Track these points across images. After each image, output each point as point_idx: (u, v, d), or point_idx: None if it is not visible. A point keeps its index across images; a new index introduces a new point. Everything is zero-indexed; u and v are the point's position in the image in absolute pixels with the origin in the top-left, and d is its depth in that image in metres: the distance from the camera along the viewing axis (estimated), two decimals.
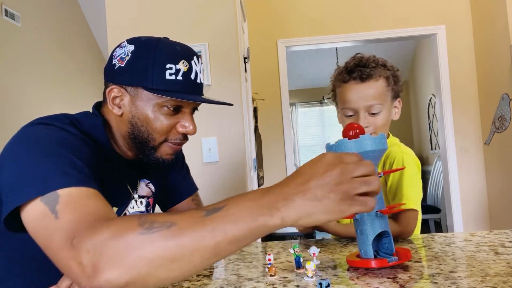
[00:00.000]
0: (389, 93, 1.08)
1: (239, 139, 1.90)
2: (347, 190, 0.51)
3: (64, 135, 0.72)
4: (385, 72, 1.06)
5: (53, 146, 0.68)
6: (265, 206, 0.52)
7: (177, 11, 1.94)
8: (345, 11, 3.45)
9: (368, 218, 0.74)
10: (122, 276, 0.51)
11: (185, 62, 0.79)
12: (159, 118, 0.80)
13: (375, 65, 1.06)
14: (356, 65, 1.07)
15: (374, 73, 1.04)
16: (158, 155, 0.84)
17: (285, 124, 3.53)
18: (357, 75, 1.04)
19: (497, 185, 3.18)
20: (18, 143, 0.70)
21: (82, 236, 0.54)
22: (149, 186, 0.96)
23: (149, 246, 0.51)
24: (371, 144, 0.71)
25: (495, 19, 3.02)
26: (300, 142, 7.10)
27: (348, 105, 1.06)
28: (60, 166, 0.64)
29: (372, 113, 1.05)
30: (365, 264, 0.73)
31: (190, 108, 0.84)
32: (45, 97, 3.15)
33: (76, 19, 3.78)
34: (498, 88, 3.04)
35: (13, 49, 2.82)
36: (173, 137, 0.83)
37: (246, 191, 0.67)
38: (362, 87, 1.04)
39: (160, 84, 0.77)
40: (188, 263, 0.51)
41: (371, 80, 1.04)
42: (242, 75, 1.99)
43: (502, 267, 0.70)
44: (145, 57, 0.78)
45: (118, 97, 0.81)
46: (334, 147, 0.74)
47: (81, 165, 0.67)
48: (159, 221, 0.53)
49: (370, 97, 1.04)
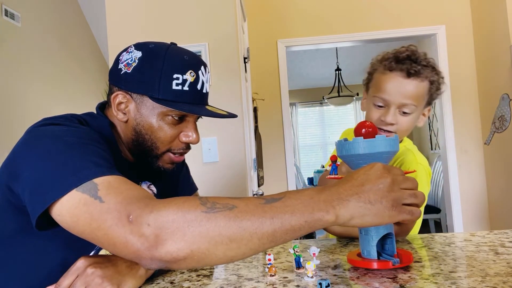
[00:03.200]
0: (427, 98, 1.02)
1: (239, 139, 1.90)
2: (397, 198, 0.56)
3: (80, 130, 0.72)
4: (432, 76, 1.00)
5: (74, 139, 0.68)
6: (322, 202, 0.55)
7: (177, 11, 1.95)
8: (345, 11, 3.45)
9: None
10: (183, 249, 0.53)
11: (192, 72, 0.79)
12: (163, 128, 0.80)
13: (426, 64, 0.99)
14: (408, 57, 0.99)
15: (422, 73, 0.98)
16: (160, 163, 0.84)
17: (285, 124, 3.53)
18: (405, 68, 0.97)
19: (497, 185, 3.18)
20: (35, 143, 0.68)
21: (139, 212, 0.55)
22: (150, 188, 0.96)
23: (211, 223, 0.53)
24: (384, 146, 0.71)
25: (495, 19, 3.02)
26: (300, 142, 7.11)
27: (383, 95, 0.99)
28: (87, 156, 0.64)
29: (404, 112, 0.99)
30: (368, 265, 0.73)
31: (195, 118, 0.85)
32: (45, 97, 3.16)
33: (76, 19, 3.78)
34: (498, 88, 3.04)
35: (13, 49, 2.82)
36: (176, 147, 0.83)
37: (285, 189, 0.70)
38: (405, 83, 0.97)
39: (166, 94, 0.77)
40: (246, 245, 0.54)
41: (417, 79, 0.97)
42: (242, 75, 1.99)
43: (502, 267, 0.70)
44: (153, 65, 0.77)
45: (124, 103, 0.81)
46: (346, 145, 0.74)
47: (105, 155, 0.67)
48: (221, 203, 0.55)
49: (409, 95, 0.97)
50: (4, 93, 2.69)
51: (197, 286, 0.71)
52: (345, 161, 0.77)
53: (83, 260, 0.64)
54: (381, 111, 1.00)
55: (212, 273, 0.79)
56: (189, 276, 0.77)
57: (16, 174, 0.68)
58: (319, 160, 6.98)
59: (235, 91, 1.92)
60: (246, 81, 2.27)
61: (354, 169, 0.77)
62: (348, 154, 0.74)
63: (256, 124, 3.23)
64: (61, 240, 0.73)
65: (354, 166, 0.76)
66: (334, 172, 0.83)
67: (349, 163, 0.77)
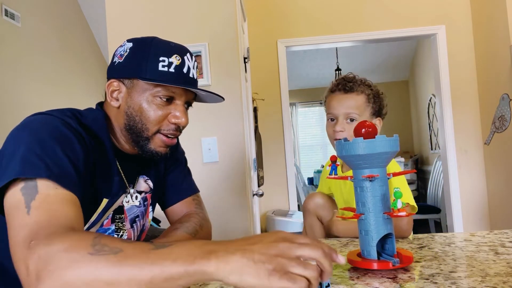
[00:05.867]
0: (368, 109, 1.22)
1: (239, 139, 1.90)
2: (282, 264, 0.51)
3: (60, 127, 0.76)
4: (366, 89, 1.22)
5: (47, 137, 0.72)
6: (206, 252, 0.53)
7: (177, 11, 1.94)
8: (345, 11, 3.45)
9: (374, 219, 0.74)
10: None
11: (177, 56, 0.84)
12: (152, 108, 0.84)
13: (360, 83, 1.22)
14: (343, 79, 1.25)
15: (356, 88, 1.21)
16: (151, 146, 0.87)
17: (285, 124, 3.53)
18: (341, 87, 1.22)
19: (497, 185, 3.18)
20: (16, 129, 0.74)
21: (40, 240, 0.58)
22: (147, 182, 0.98)
23: (91, 266, 0.53)
24: (384, 146, 0.71)
25: (495, 19, 3.02)
26: (300, 142, 7.11)
27: (331, 111, 1.22)
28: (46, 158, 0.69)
29: (350, 119, 1.18)
30: (368, 265, 0.73)
31: (183, 101, 0.88)
32: (45, 97, 3.15)
33: (76, 19, 3.78)
34: (498, 88, 3.04)
35: (13, 49, 2.82)
36: (165, 128, 0.86)
37: None
38: (344, 97, 1.21)
39: (153, 74, 0.82)
40: None
41: (352, 93, 1.20)
42: (242, 75, 1.99)
43: (502, 267, 0.70)
44: (142, 51, 0.83)
45: (117, 91, 0.86)
46: (346, 145, 0.74)
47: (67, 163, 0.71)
48: (110, 246, 0.56)
49: (349, 106, 1.19)
50: (4, 93, 2.69)
51: (197, 286, 0.71)
52: (345, 161, 0.77)
53: None
54: (334, 124, 1.21)
55: None
56: None
57: None
58: (319, 160, 6.98)
59: (235, 91, 1.91)
60: (246, 81, 2.26)
61: (354, 169, 0.77)
62: (348, 155, 0.74)
63: (256, 124, 3.23)
64: None
65: (354, 166, 0.76)
66: (334, 172, 0.84)
67: (349, 163, 0.77)
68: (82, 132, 0.79)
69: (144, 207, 0.97)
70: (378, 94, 1.24)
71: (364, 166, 0.74)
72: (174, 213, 1.04)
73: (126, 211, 0.91)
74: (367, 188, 0.74)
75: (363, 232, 0.76)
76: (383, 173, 0.75)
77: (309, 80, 6.54)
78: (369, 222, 0.74)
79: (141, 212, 0.96)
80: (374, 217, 0.74)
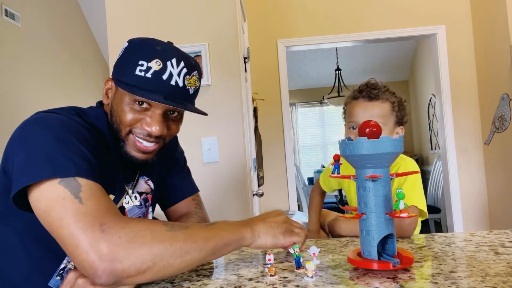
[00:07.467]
0: (393, 117, 1.17)
1: (239, 139, 1.90)
2: (288, 227, 0.84)
3: (72, 123, 0.77)
4: (391, 97, 1.17)
5: (62, 133, 0.72)
6: (242, 224, 0.79)
7: (177, 11, 1.94)
8: (345, 11, 3.45)
9: (376, 219, 0.74)
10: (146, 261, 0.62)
11: (158, 61, 0.79)
12: (125, 110, 0.83)
13: (384, 90, 1.17)
14: (367, 86, 1.18)
15: (381, 96, 1.15)
16: (128, 149, 0.85)
17: (285, 124, 3.53)
18: (366, 94, 1.16)
19: (497, 185, 3.18)
20: (27, 130, 0.73)
21: (112, 224, 0.63)
22: (148, 183, 0.98)
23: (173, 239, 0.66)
24: (388, 146, 0.71)
25: (495, 19, 3.02)
26: (300, 142, 7.10)
27: (353, 119, 1.16)
28: (70, 153, 0.69)
29: None
30: (368, 265, 0.73)
31: (161, 110, 0.83)
32: (45, 97, 3.16)
33: (76, 19, 3.78)
34: (498, 88, 3.04)
35: (13, 49, 2.82)
36: (137, 130, 0.84)
37: None
38: (369, 105, 1.15)
39: (128, 78, 0.80)
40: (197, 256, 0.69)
41: (377, 101, 1.15)
42: (242, 75, 1.99)
43: (502, 267, 0.70)
44: (128, 53, 0.83)
45: (110, 89, 0.88)
46: (349, 144, 0.74)
47: (89, 156, 0.72)
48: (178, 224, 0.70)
49: (374, 114, 1.13)
50: (4, 93, 2.69)
51: (197, 286, 0.71)
52: (348, 161, 0.77)
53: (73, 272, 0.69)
54: (355, 132, 1.14)
55: (212, 273, 0.79)
56: (189, 276, 0.77)
57: (9, 158, 0.73)
58: (319, 160, 6.97)
59: (235, 91, 1.91)
60: (246, 81, 2.26)
61: (358, 169, 0.77)
62: (352, 154, 0.74)
63: (256, 124, 3.22)
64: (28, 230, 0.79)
65: (358, 166, 0.76)
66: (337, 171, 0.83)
67: (353, 163, 0.77)
68: (90, 128, 0.80)
69: (145, 207, 0.97)
70: (401, 101, 1.19)
71: (368, 166, 0.74)
72: (174, 213, 1.05)
73: (127, 212, 0.91)
74: (370, 188, 0.74)
75: (364, 232, 0.76)
76: (386, 173, 0.75)
77: (309, 80, 6.54)
78: (371, 222, 0.74)
79: (143, 213, 0.96)
80: (375, 218, 0.74)
